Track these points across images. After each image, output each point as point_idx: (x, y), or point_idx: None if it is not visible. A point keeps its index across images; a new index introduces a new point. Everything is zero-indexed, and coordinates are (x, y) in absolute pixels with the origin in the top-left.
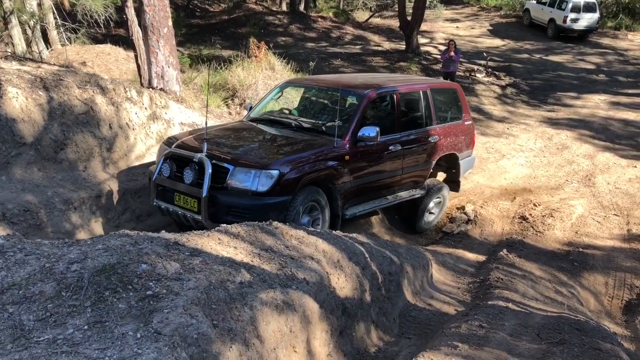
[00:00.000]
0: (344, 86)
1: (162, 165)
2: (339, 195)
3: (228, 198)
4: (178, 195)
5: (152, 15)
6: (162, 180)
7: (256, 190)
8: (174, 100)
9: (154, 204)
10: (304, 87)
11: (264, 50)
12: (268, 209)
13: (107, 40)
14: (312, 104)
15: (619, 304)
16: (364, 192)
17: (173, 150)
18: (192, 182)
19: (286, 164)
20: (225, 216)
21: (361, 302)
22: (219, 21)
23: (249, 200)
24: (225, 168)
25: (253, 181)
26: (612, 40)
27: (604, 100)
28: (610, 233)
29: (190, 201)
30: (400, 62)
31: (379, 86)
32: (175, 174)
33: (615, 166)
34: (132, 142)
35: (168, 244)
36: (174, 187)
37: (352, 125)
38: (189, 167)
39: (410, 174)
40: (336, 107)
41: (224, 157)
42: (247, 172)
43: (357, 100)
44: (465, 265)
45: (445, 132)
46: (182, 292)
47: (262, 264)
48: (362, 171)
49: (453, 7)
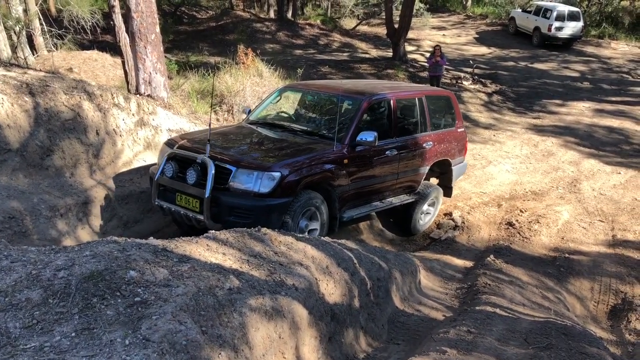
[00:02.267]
0: (343, 92)
1: (164, 166)
2: (337, 198)
3: (230, 199)
4: (180, 195)
5: (140, 22)
6: (164, 181)
7: (258, 191)
8: (162, 106)
9: (155, 203)
10: (302, 91)
11: (252, 57)
12: (270, 210)
13: (94, 46)
14: (310, 108)
15: (604, 309)
16: (361, 195)
17: (176, 151)
18: (195, 182)
19: (287, 166)
20: (227, 216)
21: (350, 308)
22: (206, 28)
23: (252, 201)
24: (227, 169)
25: (255, 182)
26: (595, 48)
27: (589, 108)
28: (595, 239)
29: (192, 201)
30: (387, 70)
31: (376, 92)
32: (178, 175)
33: (600, 172)
34: (120, 148)
35: (156, 250)
36: (176, 187)
37: (350, 129)
38: (192, 167)
39: (405, 178)
40: (334, 112)
41: (226, 158)
42: (249, 173)
43: (356, 105)
44: (453, 271)
45: (439, 138)
46: (170, 298)
47: (251, 270)
48: (359, 175)
49: (440, 15)
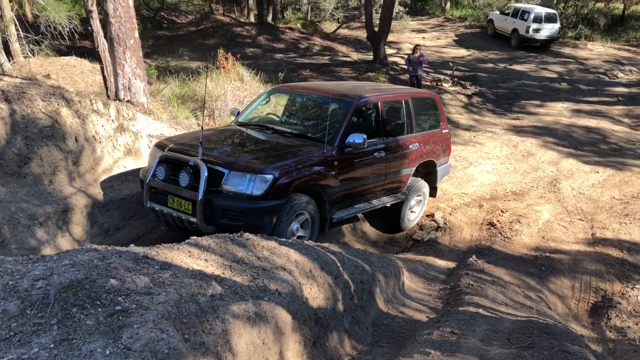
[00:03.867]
0: (331, 94)
1: (156, 168)
2: (328, 199)
3: (223, 201)
4: (172, 197)
5: (118, 27)
6: (156, 183)
7: (251, 193)
8: (142, 112)
9: (147, 206)
10: (290, 93)
11: (232, 61)
12: (262, 212)
13: (72, 52)
14: (299, 110)
15: (585, 306)
16: (351, 196)
17: (168, 154)
18: (188, 185)
19: (280, 169)
20: (220, 219)
21: (334, 311)
22: (186, 32)
23: (245, 204)
24: (220, 172)
25: (248, 185)
26: (572, 49)
27: (567, 108)
28: (575, 237)
29: (185, 204)
30: (368, 73)
31: (364, 95)
32: (170, 177)
33: (579, 172)
34: (99, 154)
35: (137, 258)
36: (168, 189)
37: (340, 132)
38: (184, 170)
39: (392, 179)
40: (322, 114)
41: (219, 161)
42: (242, 176)
43: (345, 108)
44: (436, 272)
45: (425, 139)
46: (152, 306)
47: (233, 276)
48: (349, 176)
49: (419, 18)
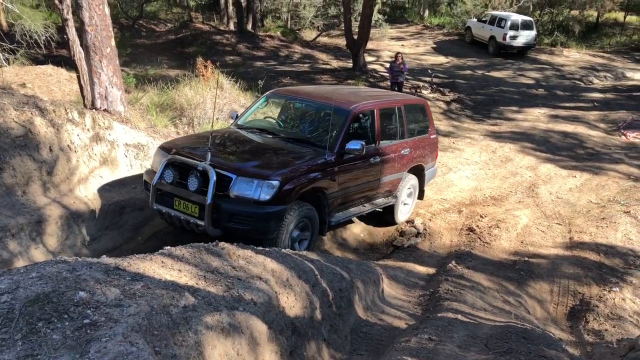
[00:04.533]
0: (329, 100)
1: (164, 171)
2: (327, 203)
3: (231, 205)
4: (178, 200)
5: (94, 35)
6: (163, 186)
7: (258, 199)
8: (119, 120)
9: (154, 208)
10: (289, 98)
11: (211, 69)
12: (269, 217)
13: (49, 61)
14: (298, 115)
15: (564, 310)
16: (348, 200)
17: (176, 158)
18: (197, 189)
19: (285, 175)
20: (227, 223)
21: (312, 320)
22: (165, 41)
23: (252, 208)
24: (228, 177)
25: (255, 190)
26: (549, 56)
27: (544, 114)
28: (554, 242)
29: (191, 207)
30: (348, 80)
31: (362, 102)
32: (177, 181)
33: (557, 176)
34: (75, 164)
35: (108, 269)
36: (176, 193)
37: (339, 138)
38: (193, 175)
39: (385, 182)
40: (320, 120)
41: (227, 166)
42: (249, 181)
43: (344, 114)
44: (416, 279)
45: (415, 144)
46: (121, 319)
47: (207, 287)
48: (347, 181)
49: (398, 26)
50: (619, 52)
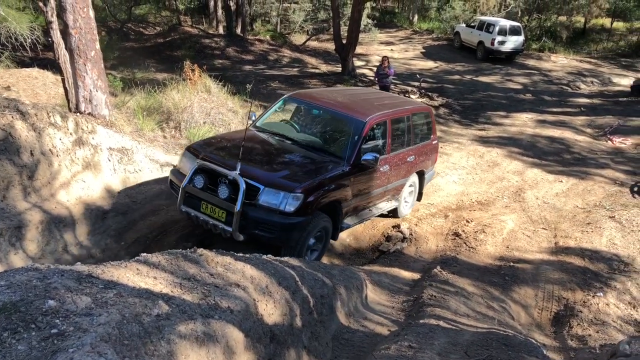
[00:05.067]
0: (345, 110)
1: (194, 177)
2: (341, 211)
3: (258, 214)
4: (205, 204)
5: (79, 38)
6: (193, 190)
7: (284, 209)
8: (103, 124)
9: (182, 209)
10: (306, 104)
11: (198, 73)
12: (292, 227)
13: (35, 63)
14: (314, 121)
15: (548, 315)
16: (358, 206)
17: (206, 165)
18: (227, 197)
19: (308, 188)
20: (253, 230)
21: (291, 327)
22: (154, 44)
23: (277, 218)
24: (256, 187)
25: (282, 202)
26: (537, 61)
27: (531, 119)
28: (539, 247)
29: (218, 211)
30: (337, 85)
31: (376, 112)
32: (207, 187)
33: (543, 181)
34: (56, 169)
35: (80, 277)
36: (205, 198)
37: (356, 149)
38: (224, 183)
39: (391, 189)
40: (338, 129)
41: (255, 177)
42: (276, 192)
43: (360, 126)
44: (401, 284)
45: (419, 151)
46: (91, 328)
47: (183, 294)
48: (359, 189)
49: (387, 31)
50: (605, 57)
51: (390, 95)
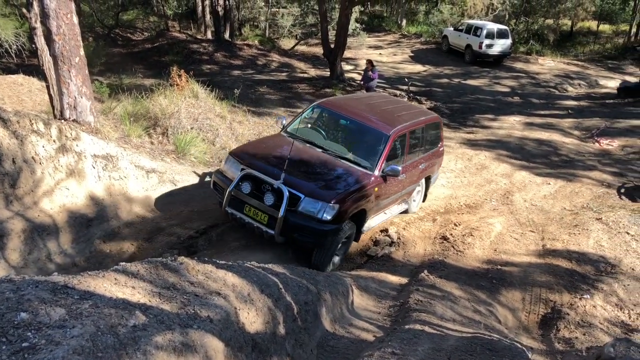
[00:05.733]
0: (371, 121)
1: (241, 183)
2: (365, 217)
3: (298, 220)
4: (248, 207)
5: (62, 45)
6: (239, 194)
7: (322, 218)
8: (88, 131)
9: (227, 210)
10: (333, 113)
11: (186, 79)
12: (328, 234)
13: (20, 70)
14: (341, 130)
15: (535, 318)
16: (378, 210)
17: (252, 173)
18: (271, 204)
19: (343, 199)
20: (292, 234)
21: (274, 335)
22: (141, 50)
23: (315, 225)
24: (297, 196)
25: (320, 211)
26: (524, 64)
27: (519, 121)
28: (526, 249)
29: (261, 215)
30: (325, 89)
31: (398, 125)
32: (253, 192)
33: (531, 184)
34: (39, 176)
35: (55, 288)
36: (250, 202)
37: (381, 160)
38: (269, 191)
39: (404, 194)
40: (362, 139)
41: (297, 186)
42: (315, 202)
43: (385, 139)
44: (388, 289)
45: (429, 158)
46: (63, 341)
47: (161, 304)
48: (381, 196)
49: (376, 35)
50: (592, 60)
51: (405, 103)
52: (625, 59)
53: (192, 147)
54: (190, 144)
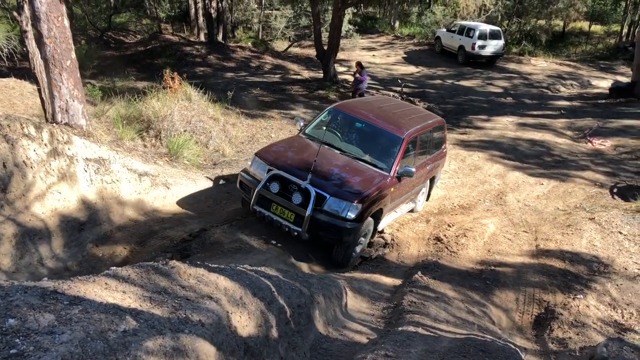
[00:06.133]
0: (385, 124)
1: (269, 183)
2: (381, 215)
3: (323, 218)
4: (275, 205)
5: (54, 48)
6: (267, 193)
7: (346, 216)
8: (80, 134)
9: (255, 209)
10: (349, 116)
11: (178, 81)
12: (351, 231)
13: (12, 73)
14: (358, 133)
15: (529, 319)
16: (391, 209)
17: (280, 174)
18: (299, 203)
19: (365, 198)
20: (318, 231)
21: (267, 338)
22: (134, 52)
23: (340, 223)
24: (323, 195)
25: (344, 210)
26: (517, 65)
27: (512, 122)
28: (520, 250)
29: (287, 213)
30: (318, 91)
31: (410, 127)
32: (281, 192)
33: (525, 184)
34: (31, 180)
35: (45, 294)
36: (278, 201)
37: (396, 162)
38: (297, 191)
39: (413, 193)
40: (377, 141)
41: (322, 187)
42: (340, 202)
43: (399, 141)
44: (382, 291)
45: (434, 159)
46: (52, 347)
47: (152, 309)
48: (395, 196)
49: (369, 36)
50: (584, 60)
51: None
52: (617, 59)
53: (185, 149)
54: (183, 147)
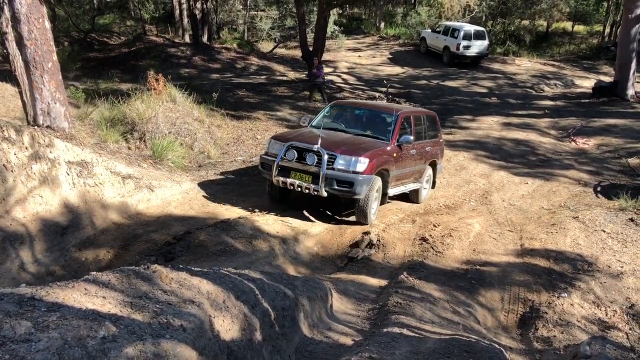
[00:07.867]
0: (380, 108)
1: (287, 153)
2: (388, 179)
3: (335, 174)
4: (294, 172)
5: (34, 50)
6: (285, 162)
7: (355, 170)
8: (62, 137)
9: (276, 179)
10: (348, 107)
11: (163, 83)
12: (362, 182)
13: None
14: (356, 118)
15: (514, 318)
16: (398, 179)
17: (295, 143)
18: (314, 163)
19: (370, 155)
20: (333, 186)
21: (251, 342)
22: (118, 54)
23: (351, 176)
24: (333, 155)
25: (353, 164)
26: (501, 65)
27: (497, 122)
28: (505, 249)
29: (305, 177)
30: (304, 92)
31: (402, 109)
32: (297, 158)
33: (509, 184)
34: (11, 184)
35: (22, 300)
36: (296, 167)
37: (395, 133)
38: (310, 154)
39: (416, 170)
40: (376, 122)
41: (332, 148)
42: (348, 158)
43: (395, 118)
44: (367, 292)
45: (433, 144)
46: (28, 355)
47: (132, 314)
48: (400, 164)
49: (355, 37)
50: (568, 60)
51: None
52: (600, 59)
53: (169, 152)
54: (167, 149)
